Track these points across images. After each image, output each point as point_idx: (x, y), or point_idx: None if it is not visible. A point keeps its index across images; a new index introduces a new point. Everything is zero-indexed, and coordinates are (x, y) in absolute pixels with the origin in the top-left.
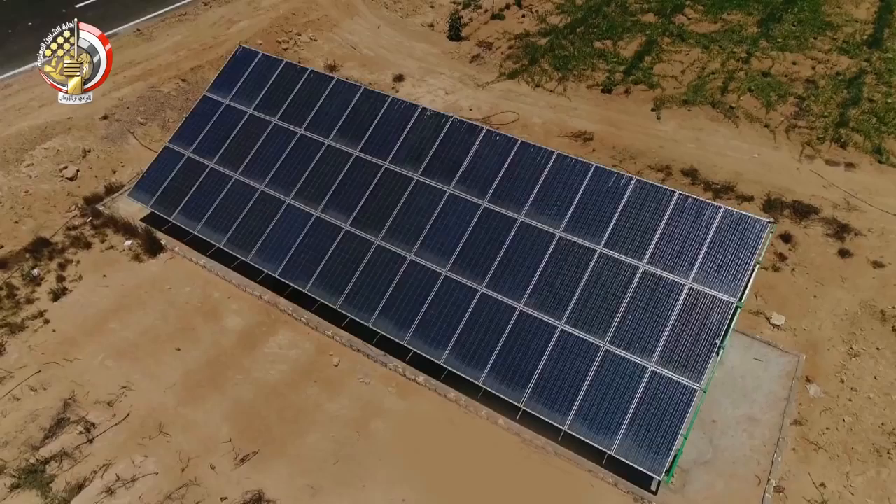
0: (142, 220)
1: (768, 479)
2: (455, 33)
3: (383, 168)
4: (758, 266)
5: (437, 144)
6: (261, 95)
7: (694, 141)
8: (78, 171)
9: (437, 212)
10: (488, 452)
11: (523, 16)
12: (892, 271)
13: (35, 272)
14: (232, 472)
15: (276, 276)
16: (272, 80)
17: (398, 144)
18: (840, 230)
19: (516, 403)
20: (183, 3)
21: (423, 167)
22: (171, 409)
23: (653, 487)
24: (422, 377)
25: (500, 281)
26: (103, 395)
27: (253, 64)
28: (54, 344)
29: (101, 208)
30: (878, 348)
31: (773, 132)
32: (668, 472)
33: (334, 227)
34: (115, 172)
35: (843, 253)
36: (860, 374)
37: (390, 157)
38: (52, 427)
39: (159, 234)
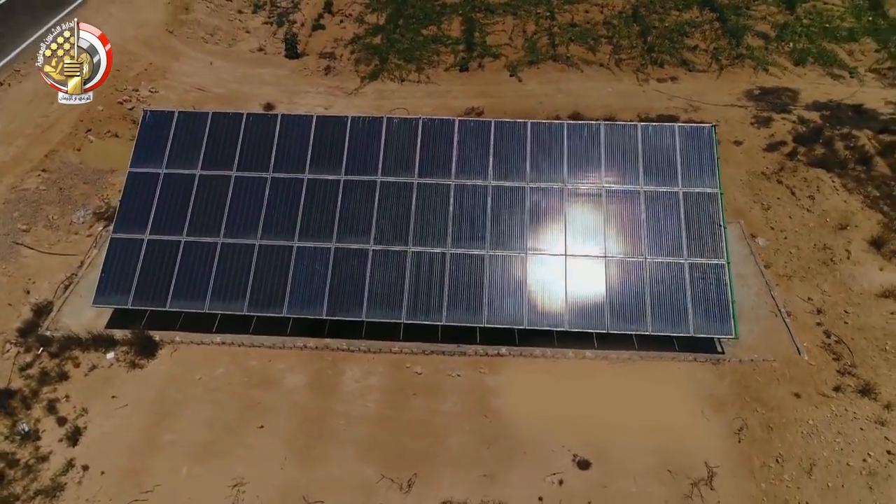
0: (107, 326)
1: (779, 310)
2: (293, 51)
3: (378, 183)
4: (718, 160)
5: (419, 146)
6: (202, 153)
7: (559, 92)
8: None
9: (451, 205)
10: (592, 382)
11: (342, 21)
12: (749, 144)
13: (24, 428)
14: (406, 500)
15: (325, 318)
16: (207, 134)
17: (381, 158)
18: None
19: (604, 331)
20: None
21: (417, 170)
22: (303, 480)
23: (719, 349)
24: (503, 349)
25: (540, 241)
26: (219, 501)
27: (174, 124)
28: (114, 485)
29: (47, 333)
30: (778, 198)
31: (609, 69)
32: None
33: (360, 251)
34: (28, 293)
35: None
36: (780, 219)
37: (380, 171)
38: None
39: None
